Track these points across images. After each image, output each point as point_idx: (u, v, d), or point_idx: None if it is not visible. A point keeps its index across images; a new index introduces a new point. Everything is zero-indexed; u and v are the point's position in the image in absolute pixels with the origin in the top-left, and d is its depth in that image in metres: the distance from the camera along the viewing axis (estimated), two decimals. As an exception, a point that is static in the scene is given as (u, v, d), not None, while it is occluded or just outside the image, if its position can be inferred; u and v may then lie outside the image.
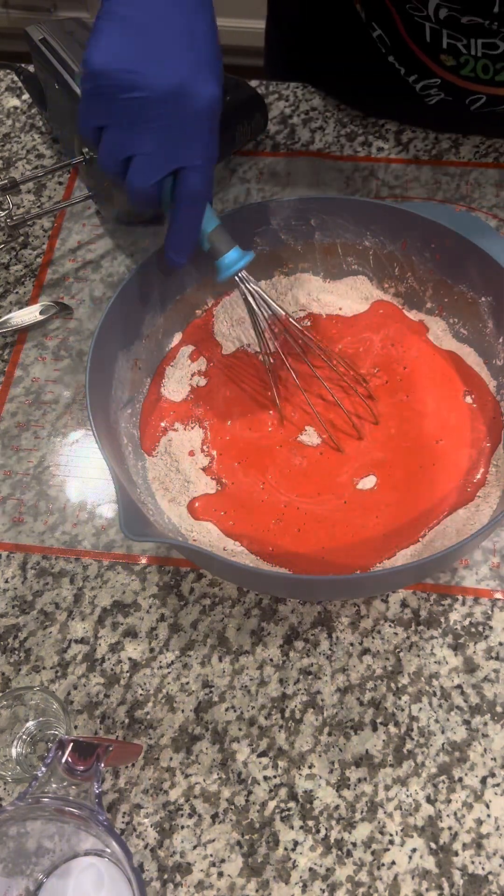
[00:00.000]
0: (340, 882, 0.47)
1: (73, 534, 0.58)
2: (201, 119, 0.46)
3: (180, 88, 0.45)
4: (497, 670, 0.52)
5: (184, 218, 0.50)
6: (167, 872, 0.47)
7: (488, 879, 0.46)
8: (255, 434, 0.58)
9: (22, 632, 0.55)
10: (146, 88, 0.44)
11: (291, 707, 0.52)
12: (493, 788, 0.49)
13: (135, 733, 0.51)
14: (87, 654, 0.54)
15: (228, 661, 0.53)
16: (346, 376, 0.58)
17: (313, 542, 0.53)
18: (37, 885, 0.45)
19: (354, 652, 0.53)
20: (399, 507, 0.54)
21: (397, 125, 0.75)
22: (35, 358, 0.66)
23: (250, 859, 0.48)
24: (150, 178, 0.47)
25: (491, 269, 0.54)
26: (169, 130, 0.46)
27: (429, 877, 0.46)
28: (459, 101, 0.68)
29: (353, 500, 0.55)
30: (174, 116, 0.45)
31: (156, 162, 0.47)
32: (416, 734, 0.50)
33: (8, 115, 0.81)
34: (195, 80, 0.45)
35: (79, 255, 0.71)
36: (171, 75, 0.45)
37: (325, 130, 0.76)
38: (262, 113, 0.73)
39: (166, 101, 0.45)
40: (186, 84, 0.45)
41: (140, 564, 0.57)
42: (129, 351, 0.58)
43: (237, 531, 0.54)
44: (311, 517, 0.54)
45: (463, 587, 0.55)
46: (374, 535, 0.53)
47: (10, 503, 0.60)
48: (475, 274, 0.57)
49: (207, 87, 0.46)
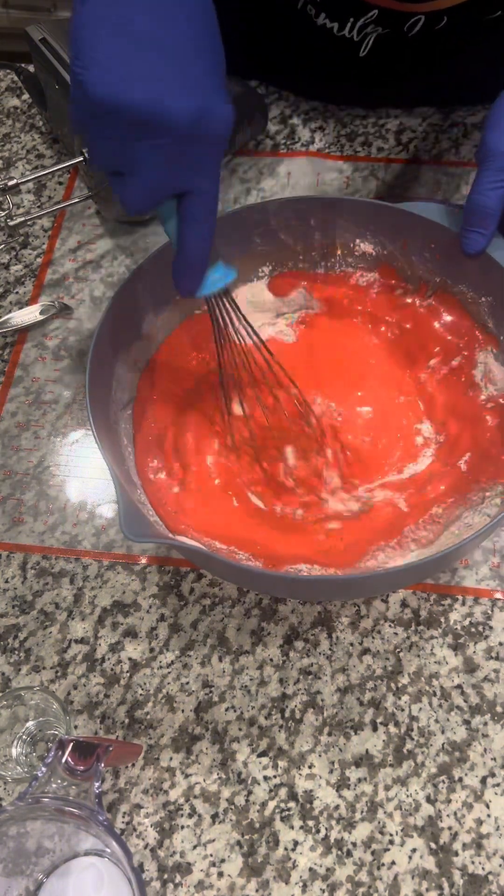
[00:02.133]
0: (340, 882, 0.47)
1: (73, 534, 0.58)
2: (218, 144, 0.41)
3: (199, 113, 0.38)
4: (497, 670, 0.52)
5: (192, 244, 0.45)
6: (167, 872, 0.47)
7: (488, 879, 0.46)
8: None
9: (22, 632, 0.55)
10: (161, 116, 0.38)
11: (291, 707, 0.52)
12: (493, 788, 0.49)
13: (135, 733, 0.51)
14: (87, 654, 0.54)
15: (228, 661, 0.53)
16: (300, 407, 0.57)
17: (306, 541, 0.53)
18: (37, 885, 0.45)
19: (354, 652, 0.53)
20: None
21: (397, 125, 0.75)
22: (35, 358, 0.66)
23: (250, 859, 0.48)
24: (146, 202, 0.42)
25: (491, 269, 0.54)
26: (179, 157, 0.40)
27: (429, 877, 0.46)
28: (398, 31, 0.65)
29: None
30: (188, 143, 0.39)
31: (157, 187, 0.42)
32: (416, 734, 0.50)
33: (8, 115, 0.81)
34: (215, 102, 0.39)
35: (79, 255, 0.71)
36: (191, 99, 0.38)
37: (325, 130, 0.76)
38: (262, 113, 0.73)
39: (181, 128, 0.38)
40: (206, 108, 0.39)
41: (140, 564, 0.57)
42: (129, 351, 0.58)
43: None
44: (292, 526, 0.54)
45: (463, 587, 0.55)
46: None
47: (10, 503, 0.60)
48: (475, 274, 0.57)
49: (226, 108, 0.40)
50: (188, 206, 0.43)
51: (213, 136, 0.40)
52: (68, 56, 0.68)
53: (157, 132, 0.38)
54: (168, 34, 0.38)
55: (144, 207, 0.42)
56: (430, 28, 0.65)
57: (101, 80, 0.36)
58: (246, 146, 0.75)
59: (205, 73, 0.39)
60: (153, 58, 0.37)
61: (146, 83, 0.37)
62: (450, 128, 0.75)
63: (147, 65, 0.37)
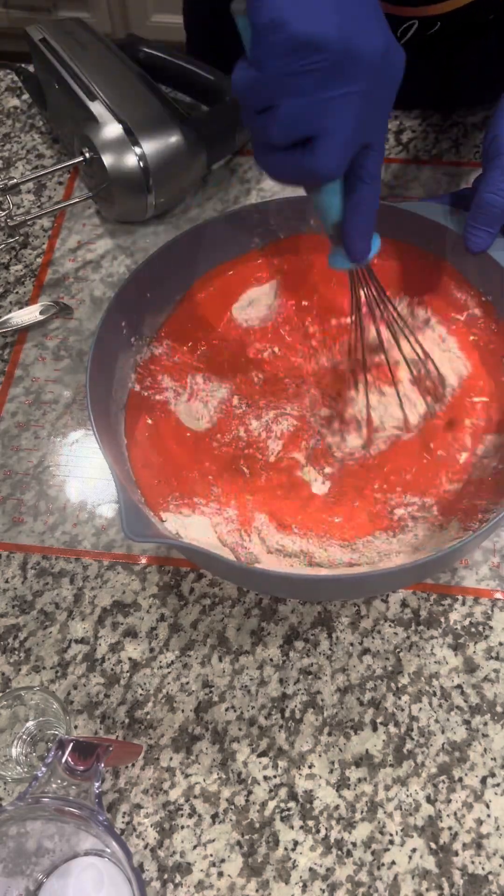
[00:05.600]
0: (340, 882, 0.47)
1: (73, 534, 0.58)
2: (396, 87, 0.40)
3: (387, 52, 0.38)
4: (497, 670, 0.52)
5: (367, 199, 0.43)
6: (167, 872, 0.47)
7: (488, 879, 0.46)
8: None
9: (22, 632, 0.55)
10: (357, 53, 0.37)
11: (291, 707, 0.52)
12: (493, 788, 0.49)
13: (135, 733, 0.51)
14: (87, 654, 0.54)
15: (228, 661, 0.53)
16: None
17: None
18: (37, 885, 0.45)
19: (354, 652, 0.53)
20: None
21: (397, 125, 0.75)
22: (35, 358, 0.66)
23: (250, 859, 0.48)
24: (342, 162, 0.40)
25: (491, 269, 0.54)
26: (367, 103, 0.38)
27: (429, 877, 0.46)
28: None
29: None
30: (375, 86, 0.38)
31: (350, 142, 0.39)
32: (416, 734, 0.50)
33: (8, 115, 0.81)
34: (393, 42, 0.39)
35: (79, 255, 0.71)
36: (379, 37, 0.38)
37: (325, 130, 0.76)
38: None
39: (373, 68, 0.37)
40: (391, 46, 0.38)
41: (140, 564, 0.57)
42: (129, 351, 0.58)
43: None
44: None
45: (463, 587, 0.55)
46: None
47: (10, 503, 0.60)
48: (475, 274, 0.57)
49: (401, 49, 0.39)
50: (368, 162, 0.41)
51: (396, 78, 0.40)
52: (68, 56, 0.68)
53: (352, 74, 0.37)
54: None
55: (339, 169, 0.40)
56: (422, 33, 0.65)
57: (301, 16, 0.35)
58: (246, 146, 0.75)
59: (378, 10, 0.39)
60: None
61: (342, 19, 0.36)
62: (450, 128, 0.75)
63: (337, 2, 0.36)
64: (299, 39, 0.35)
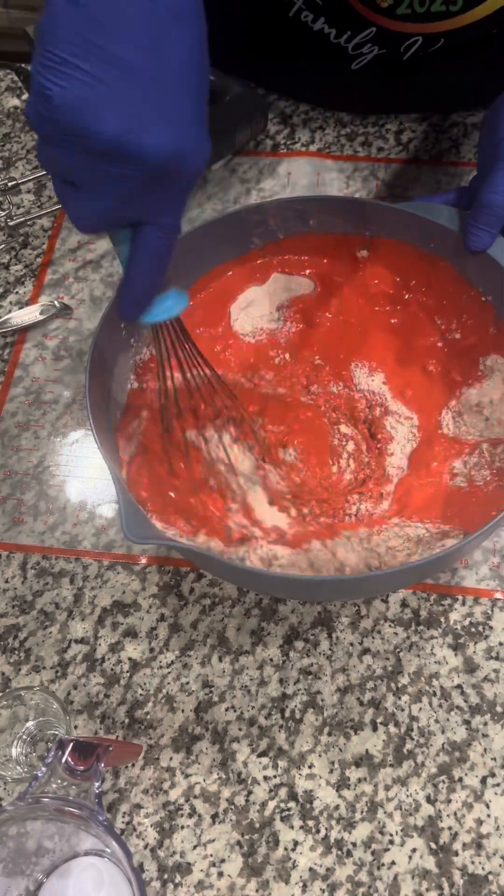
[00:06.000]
0: (340, 882, 0.47)
1: (73, 534, 0.58)
2: (190, 181, 0.37)
3: (175, 150, 0.35)
4: (497, 670, 0.52)
5: (141, 276, 0.41)
6: (167, 872, 0.47)
7: (488, 879, 0.46)
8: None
9: (22, 632, 0.55)
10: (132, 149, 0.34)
11: (291, 707, 0.52)
12: (493, 788, 0.49)
13: (135, 733, 0.51)
14: (87, 654, 0.54)
15: (228, 661, 0.53)
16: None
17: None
18: (37, 885, 0.45)
19: (354, 652, 0.53)
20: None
21: (397, 125, 0.75)
22: (35, 358, 0.66)
23: (250, 859, 0.48)
24: (96, 225, 0.39)
25: (491, 269, 0.54)
26: (144, 189, 0.36)
27: (429, 877, 0.46)
28: (394, 52, 0.66)
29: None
30: (157, 178, 0.36)
31: (113, 214, 0.38)
32: (416, 734, 0.50)
33: (8, 115, 0.81)
34: (192, 138, 0.36)
35: (79, 255, 0.71)
36: (167, 135, 0.34)
37: (325, 130, 0.76)
38: (262, 113, 0.73)
39: (153, 165, 0.35)
40: (182, 145, 0.35)
41: (140, 564, 0.57)
42: (128, 351, 0.58)
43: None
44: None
45: (463, 587, 0.55)
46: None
47: (10, 503, 0.60)
48: (475, 273, 0.57)
49: (204, 145, 0.36)
50: (145, 237, 0.39)
51: (186, 174, 0.36)
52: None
53: (124, 164, 0.34)
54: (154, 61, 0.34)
55: (92, 230, 0.39)
56: (425, 49, 0.65)
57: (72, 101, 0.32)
58: (246, 146, 0.75)
59: (187, 104, 0.35)
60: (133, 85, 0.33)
61: (121, 113, 0.33)
62: (450, 128, 0.75)
63: (125, 93, 0.33)
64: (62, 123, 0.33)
